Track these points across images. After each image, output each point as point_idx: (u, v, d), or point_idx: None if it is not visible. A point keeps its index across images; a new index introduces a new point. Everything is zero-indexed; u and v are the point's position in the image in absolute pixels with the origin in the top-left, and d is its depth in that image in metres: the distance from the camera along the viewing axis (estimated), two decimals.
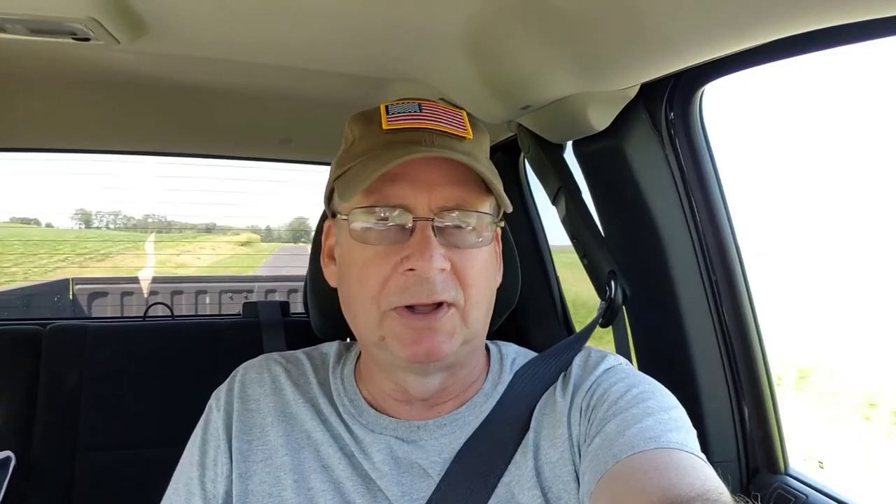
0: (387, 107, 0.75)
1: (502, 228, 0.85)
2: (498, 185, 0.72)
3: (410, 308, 0.69)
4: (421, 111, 0.74)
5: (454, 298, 0.70)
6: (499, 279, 0.82)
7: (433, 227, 0.69)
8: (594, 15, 0.76)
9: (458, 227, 0.71)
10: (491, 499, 0.71)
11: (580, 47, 0.85)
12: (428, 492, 0.72)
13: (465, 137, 0.73)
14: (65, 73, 1.21)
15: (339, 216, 0.75)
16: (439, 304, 0.70)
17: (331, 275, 0.82)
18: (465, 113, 0.76)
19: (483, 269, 0.74)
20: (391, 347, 0.71)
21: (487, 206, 0.74)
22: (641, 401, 0.70)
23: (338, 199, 0.76)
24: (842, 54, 0.79)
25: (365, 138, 0.74)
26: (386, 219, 0.70)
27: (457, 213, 0.71)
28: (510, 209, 0.75)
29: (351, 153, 0.75)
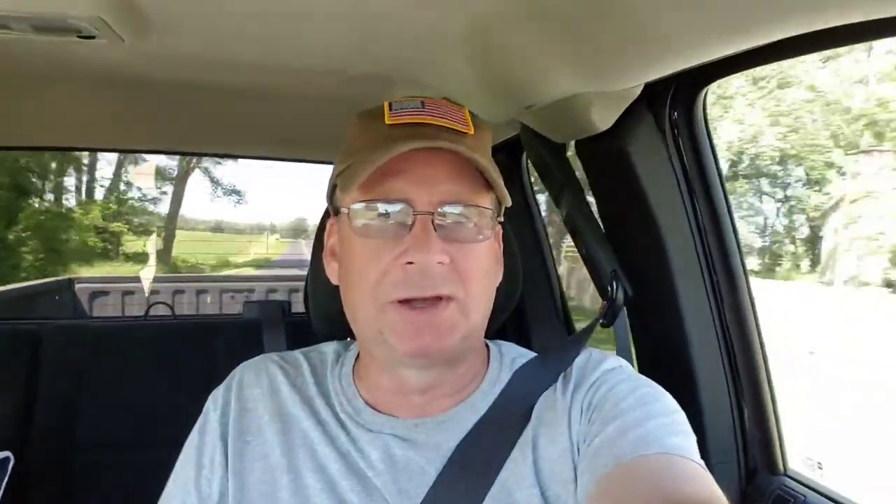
0: (390, 104, 0.75)
1: (503, 227, 0.85)
2: (498, 179, 0.72)
3: (409, 302, 0.70)
4: (424, 107, 0.74)
5: (454, 292, 0.70)
6: (499, 278, 0.82)
7: (433, 222, 0.69)
8: (598, 14, 0.76)
9: (459, 222, 0.72)
10: (488, 496, 0.71)
11: (583, 47, 0.85)
12: (425, 489, 0.72)
13: (467, 133, 0.74)
14: (69, 72, 1.21)
15: (340, 211, 0.76)
16: (438, 298, 0.70)
17: (332, 272, 0.82)
18: (467, 110, 0.77)
19: (483, 264, 0.74)
20: (390, 341, 0.71)
21: (488, 201, 0.74)
22: (644, 403, 0.71)
23: (339, 195, 0.76)
24: None
25: (367, 133, 0.75)
26: (387, 214, 0.71)
27: (457, 207, 0.71)
28: (509, 203, 0.76)
29: (353, 148, 0.75)
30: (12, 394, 1.63)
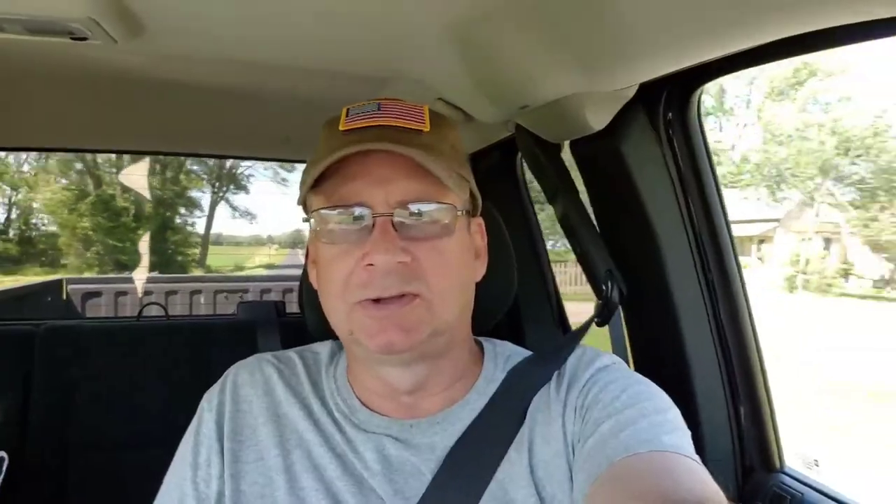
0: (348, 109, 0.76)
1: (494, 222, 0.86)
2: (458, 171, 0.73)
3: (374, 301, 0.70)
4: (379, 110, 0.75)
5: (418, 290, 0.70)
6: (480, 271, 0.82)
7: (392, 222, 0.70)
8: (592, 15, 0.76)
9: (419, 219, 0.71)
10: (484, 495, 0.71)
11: (578, 47, 0.85)
12: (421, 490, 0.72)
13: (422, 131, 0.74)
14: (62, 73, 1.21)
15: (309, 218, 0.77)
16: (403, 296, 0.70)
17: (314, 278, 0.82)
18: (426, 108, 0.77)
19: (450, 260, 0.74)
20: (360, 339, 0.72)
21: (452, 196, 0.74)
22: (637, 402, 0.71)
23: (307, 203, 0.77)
24: None
25: (325, 141, 0.76)
26: (348, 217, 0.71)
27: (416, 205, 0.71)
28: (466, 194, 0.76)
29: (315, 158, 0.76)
30: (6, 394, 1.62)
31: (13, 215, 18.79)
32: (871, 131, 14.93)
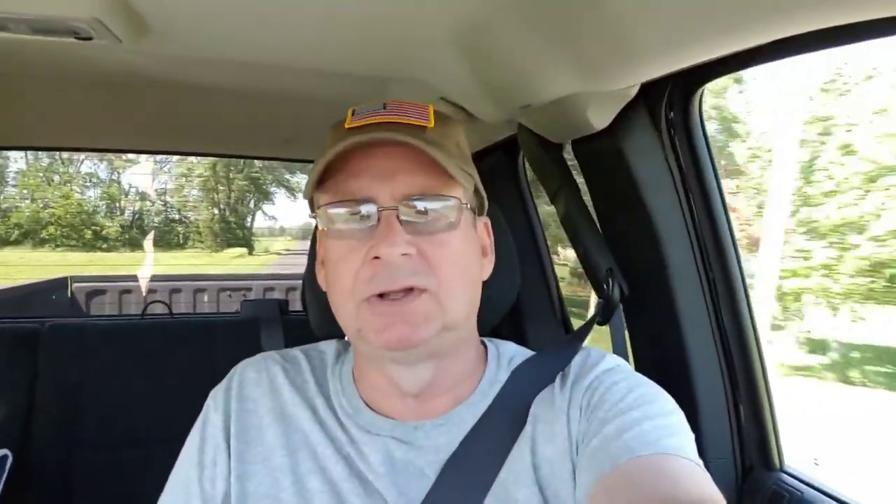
0: (353, 110, 0.77)
1: (492, 220, 0.86)
2: (463, 168, 0.73)
3: (381, 296, 0.70)
4: (385, 108, 0.75)
5: (425, 284, 0.70)
6: (487, 270, 0.82)
7: (398, 217, 0.70)
8: (593, 14, 0.76)
9: (424, 213, 0.71)
10: (487, 496, 0.71)
11: (580, 46, 0.85)
12: (425, 492, 0.72)
13: (426, 127, 0.74)
14: (67, 72, 1.21)
15: (315, 215, 0.77)
16: (410, 290, 0.70)
17: (322, 280, 0.82)
18: (431, 107, 0.77)
19: (456, 254, 0.73)
20: (367, 337, 0.71)
21: (459, 191, 0.74)
22: (642, 404, 0.70)
23: (314, 200, 0.77)
24: None
25: (331, 139, 0.77)
26: (354, 213, 0.71)
27: (421, 199, 0.71)
28: (471, 189, 0.76)
29: (321, 156, 0.76)
30: (11, 392, 1.63)
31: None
32: None
